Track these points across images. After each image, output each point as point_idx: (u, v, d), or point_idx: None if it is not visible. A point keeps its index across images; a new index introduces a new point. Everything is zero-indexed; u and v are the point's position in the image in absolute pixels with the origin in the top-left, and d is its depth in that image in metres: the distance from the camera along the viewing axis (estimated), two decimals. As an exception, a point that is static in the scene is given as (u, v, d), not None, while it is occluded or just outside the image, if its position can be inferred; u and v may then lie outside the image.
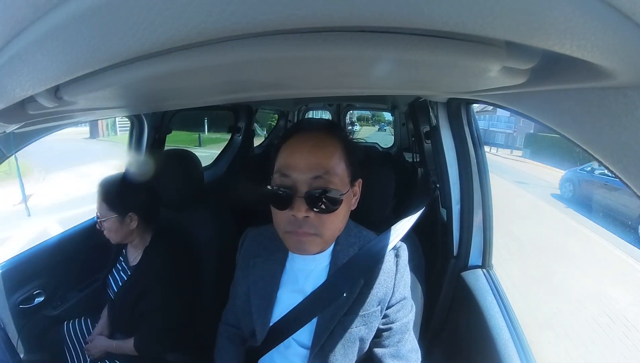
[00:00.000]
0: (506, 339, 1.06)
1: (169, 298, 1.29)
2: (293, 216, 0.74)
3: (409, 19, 0.26)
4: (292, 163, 0.76)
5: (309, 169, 0.74)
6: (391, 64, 0.45)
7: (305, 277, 0.90)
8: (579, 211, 8.13)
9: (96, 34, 0.30)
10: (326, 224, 0.77)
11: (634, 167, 0.41)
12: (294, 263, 0.92)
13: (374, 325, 0.88)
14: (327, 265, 0.89)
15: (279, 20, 0.27)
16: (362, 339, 0.88)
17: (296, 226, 0.76)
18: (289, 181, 0.75)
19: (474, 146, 1.41)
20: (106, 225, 1.26)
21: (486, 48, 0.36)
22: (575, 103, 0.45)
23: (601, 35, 0.27)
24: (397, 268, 0.91)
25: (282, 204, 0.76)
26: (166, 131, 2.06)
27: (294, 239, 0.78)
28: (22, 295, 1.45)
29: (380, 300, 0.88)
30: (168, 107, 1.30)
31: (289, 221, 0.77)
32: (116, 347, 1.32)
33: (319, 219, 0.76)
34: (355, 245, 0.91)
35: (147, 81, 0.48)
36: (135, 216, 1.29)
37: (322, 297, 0.86)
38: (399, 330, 0.90)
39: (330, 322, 0.86)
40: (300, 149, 0.77)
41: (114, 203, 1.26)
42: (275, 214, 0.79)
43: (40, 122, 0.78)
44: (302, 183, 0.75)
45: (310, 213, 0.74)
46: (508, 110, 0.75)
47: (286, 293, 0.91)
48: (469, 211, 1.39)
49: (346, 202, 0.79)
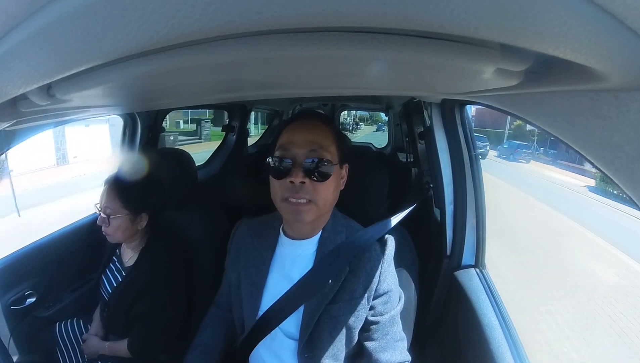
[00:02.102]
0: (499, 337, 1.07)
1: (165, 300, 1.27)
2: (291, 182, 0.83)
3: (404, 20, 0.27)
4: (293, 139, 0.87)
5: (306, 145, 0.85)
6: (386, 65, 0.45)
7: (292, 262, 0.93)
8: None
9: (89, 31, 0.30)
10: (319, 192, 0.85)
11: (625, 168, 0.41)
12: (282, 248, 0.96)
13: (361, 313, 0.90)
14: (313, 251, 0.93)
15: (273, 19, 0.27)
16: (349, 327, 0.90)
17: (293, 192, 0.84)
18: (289, 154, 0.86)
19: (467, 146, 1.42)
20: (115, 223, 1.22)
21: (480, 50, 0.36)
22: (568, 105, 0.45)
23: (594, 38, 0.28)
24: (384, 258, 0.94)
25: (282, 173, 0.85)
26: (159, 130, 2.04)
27: (291, 208, 0.85)
28: (14, 295, 1.43)
29: (366, 289, 0.90)
30: (161, 106, 1.29)
31: (286, 189, 0.84)
32: (109, 349, 1.30)
33: (313, 187, 0.84)
34: (342, 234, 0.96)
35: (140, 79, 0.48)
36: (147, 216, 1.28)
37: (309, 284, 0.89)
38: (387, 323, 0.92)
39: (316, 310, 0.88)
40: (300, 129, 0.89)
41: (131, 200, 1.23)
42: (274, 185, 0.88)
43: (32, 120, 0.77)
44: (300, 155, 0.85)
45: (306, 179, 0.83)
46: (502, 111, 0.76)
47: (274, 278, 0.94)
48: (462, 211, 1.40)
49: (336, 176, 0.89)
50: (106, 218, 1.22)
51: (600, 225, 8.81)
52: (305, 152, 0.85)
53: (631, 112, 0.37)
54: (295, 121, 0.92)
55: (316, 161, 0.84)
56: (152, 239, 1.34)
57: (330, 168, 0.86)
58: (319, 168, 0.84)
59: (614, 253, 6.99)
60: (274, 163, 0.87)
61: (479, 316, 1.15)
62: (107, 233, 1.24)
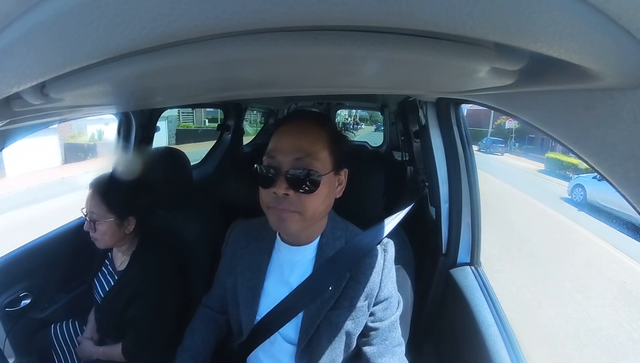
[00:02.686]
0: (495, 335, 1.07)
1: (159, 303, 1.25)
2: (274, 193, 0.80)
3: (400, 19, 0.27)
4: (278, 146, 0.82)
5: (292, 151, 0.80)
6: (381, 64, 0.45)
7: (290, 268, 0.92)
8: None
9: (84, 29, 0.29)
10: (306, 203, 0.80)
11: (619, 167, 0.42)
12: (280, 253, 0.94)
13: (361, 320, 0.90)
14: (313, 257, 0.91)
15: (269, 18, 0.27)
16: (348, 334, 0.89)
17: (277, 203, 0.81)
18: (274, 162, 0.81)
19: (462, 145, 1.42)
20: (101, 228, 1.18)
21: (475, 49, 0.36)
22: (562, 104, 0.45)
23: (589, 38, 0.28)
24: (385, 263, 0.92)
25: (266, 183, 0.82)
26: (154, 129, 2.03)
27: (275, 214, 0.82)
28: (8, 297, 1.42)
29: (367, 295, 0.89)
30: (157, 105, 1.28)
31: (271, 199, 0.82)
32: (103, 354, 1.28)
33: (298, 198, 0.80)
34: (342, 239, 0.94)
35: (135, 78, 0.48)
36: (134, 220, 1.24)
37: (308, 290, 0.88)
38: (386, 329, 0.92)
39: (317, 316, 0.87)
40: (287, 134, 0.84)
41: (116, 204, 1.19)
42: (261, 192, 0.84)
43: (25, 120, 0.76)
44: (285, 163, 0.80)
45: (290, 191, 0.79)
46: (496, 110, 0.76)
47: (272, 283, 0.92)
48: (457, 210, 1.41)
49: (327, 185, 0.83)
50: (92, 224, 1.18)
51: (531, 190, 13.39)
52: (291, 161, 0.79)
53: (625, 111, 0.37)
54: (285, 124, 0.87)
55: (302, 171, 0.79)
56: (143, 242, 1.32)
57: (319, 178, 0.80)
58: (306, 179, 0.79)
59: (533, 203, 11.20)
60: (260, 170, 0.83)
61: (475, 314, 1.16)
62: (95, 238, 1.21)
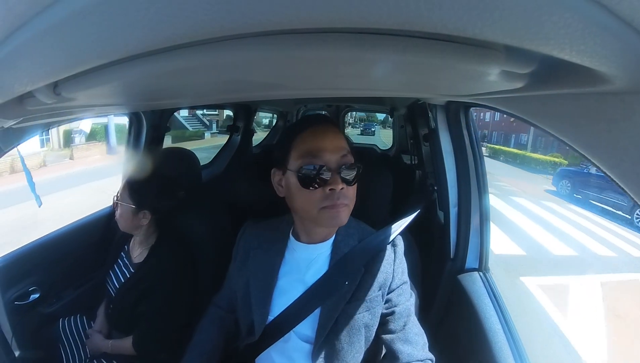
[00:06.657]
0: (502, 342, 1.06)
1: (172, 299, 1.28)
2: (331, 190, 0.82)
3: (409, 22, 0.27)
4: (322, 145, 0.85)
5: (337, 150, 0.85)
6: (390, 66, 0.45)
7: (307, 266, 0.93)
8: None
9: (96, 30, 0.30)
10: (352, 195, 0.87)
11: (631, 172, 0.41)
12: (294, 253, 0.95)
13: (377, 310, 0.91)
14: (328, 254, 0.93)
15: (278, 20, 0.27)
16: (366, 326, 0.90)
17: (334, 199, 0.83)
18: (320, 161, 0.83)
19: (472, 149, 1.41)
20: (119, 210, 1.30)
21: (485, 52, 0.36)
22: (573, 108, 0.45)
23: (600, 41, 0.28)
24: (395, 255, 0.96)
25: (319, 182, 0.83)
26: (165, 130, 2.05)
27: (331, 213, 0.83)
28: (17, 291, 1.44)
29: (381, 285, 0.91)
30: (167, 106, 1.30)
31: (324, 197, 0.83)
32: (112, 347, 1.30)
33: (347, 191, 0.85)
34: (355, 236, 0.96)
35: (146, 79, 0.48)
36: (149, 214, 1.30)
37: (325, 287, 0.89)
38: (403, 314, 0.93)
39: (334, 311, 0.88)
40: (324, 135, 0.87)
41: (134, 194, 1.28)
42: (307, 196, 0.84)
43: (38, 118, 0.78)
44: (334, 161, 0.84)
45: (343, 185, 0.83)
46: (506, 113, 0.75)
47: (287, 282, 0.93)
48: (466, 214, 1.39)
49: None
50: (116, 203, 1.31)
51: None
52: (338, 158, 0.85)
53: (637, 115, 0.36)
54: (313, 127, 0.89)
55: (348, 165, 0.85)
56: (162, 237, 1.36)
57: (357, 171, 0.87)
58: (351, 172, 0.86)
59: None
60: (309, 173, 0.83)
61: (482, 321, 1.14)
62: (116, 217, 1.32)
